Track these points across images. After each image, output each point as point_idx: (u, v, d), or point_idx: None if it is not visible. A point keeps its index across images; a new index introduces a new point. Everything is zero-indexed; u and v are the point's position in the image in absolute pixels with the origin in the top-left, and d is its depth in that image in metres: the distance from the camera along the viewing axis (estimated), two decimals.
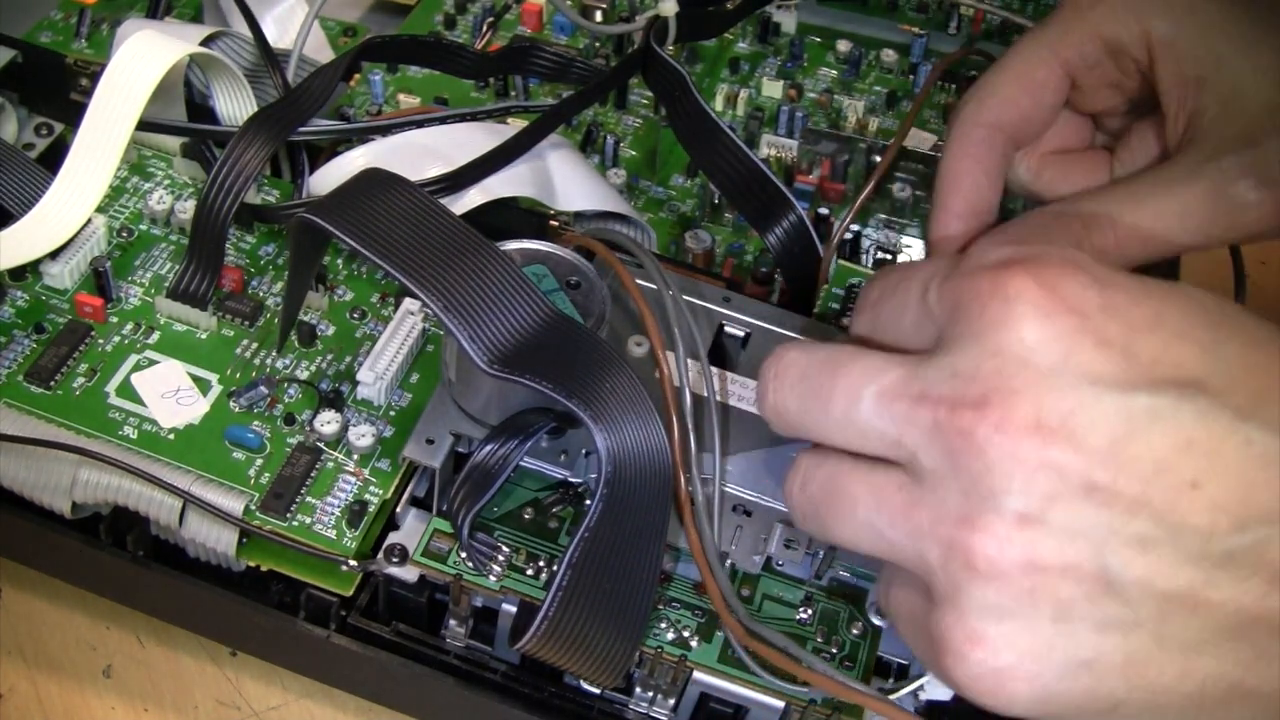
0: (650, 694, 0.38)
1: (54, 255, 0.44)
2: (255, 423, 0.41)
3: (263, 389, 0.42)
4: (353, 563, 0.38)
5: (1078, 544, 0.28)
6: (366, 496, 0.40)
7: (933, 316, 0.31)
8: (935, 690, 0.37)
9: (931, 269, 0.32)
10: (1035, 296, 0.29)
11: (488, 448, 0.38)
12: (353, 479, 0.40)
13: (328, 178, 0.46)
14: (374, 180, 0.38)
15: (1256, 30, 0.38)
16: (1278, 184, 0.37)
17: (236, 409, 0.41)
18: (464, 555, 0.38)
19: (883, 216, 0.53)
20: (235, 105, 0.49)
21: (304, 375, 0.43)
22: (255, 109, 0.48)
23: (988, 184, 0.41)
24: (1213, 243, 0.38)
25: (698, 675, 0.37)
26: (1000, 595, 0.29)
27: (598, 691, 0.38)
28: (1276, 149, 0.37)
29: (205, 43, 0.48)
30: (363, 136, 0.48)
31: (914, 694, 0.37)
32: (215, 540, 0.39)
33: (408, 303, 0.43)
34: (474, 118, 0.49)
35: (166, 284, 0.44)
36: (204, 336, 0.43)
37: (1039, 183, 0.43)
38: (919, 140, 0.55)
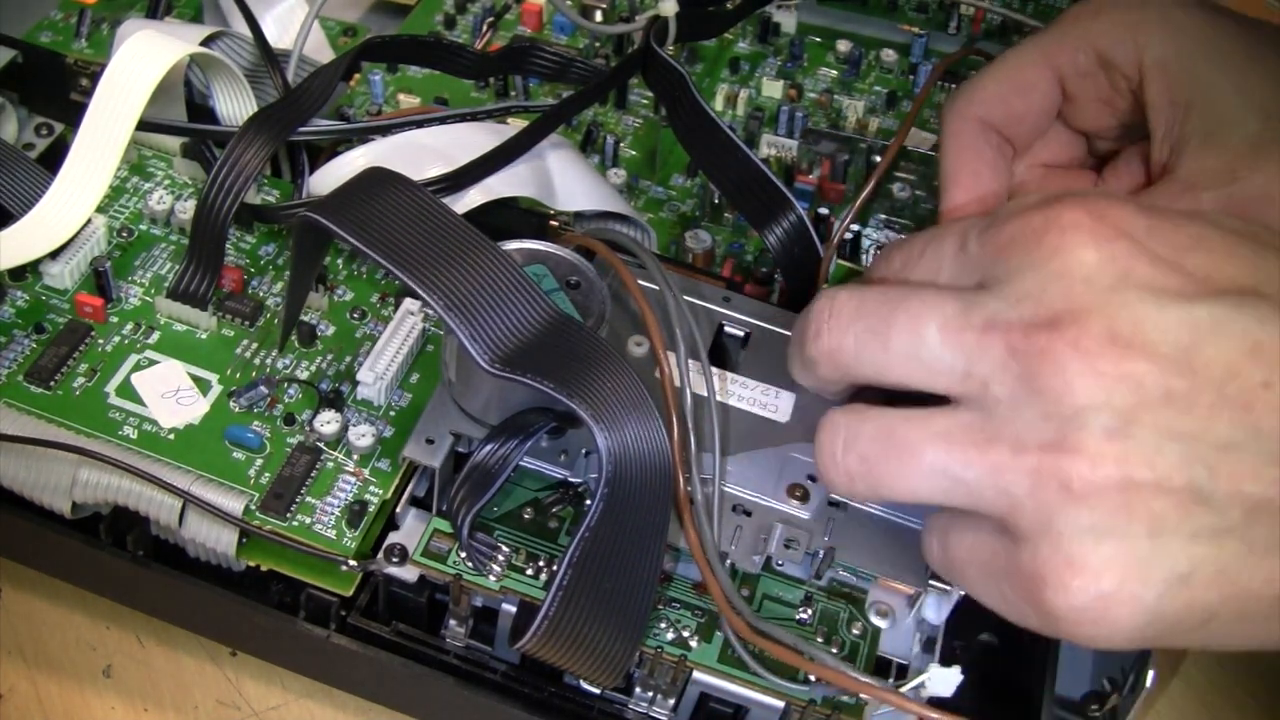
0: (650, 694, 0.38)
1: (54, 255, 0.44)
2: (255, 423, 0.41)
3: (263, 389, 0.42)
4: (353, 563, 0.38)
5: (1165, 454, 0.28)
6: (366, 496, 0.40)
7: (975, 263, 0.32)
8: (937, 686, 0.37)
9: (966, 224, 0.32)
10: (1089, 223, 0.30)
11: (488, 448, 0.38)
12: (353, 479, 0.40)
13: (328, 178, 0.46)
14: (375, 179, 0.38)
15: (1249, 57, 0.38)
16: (1257, 221, 0.37)
17: (236, 409, 0.41)
18: (464, 555, 0.38)
19: (883, 216, 0.53)
20: (235, 105, 0.49)
21: (304, 375, 0.43)
22: (255, 109, 0.48)
23: (989, 174, 0.42)
24: None
25: (698, 675, 0.37)
26: (1095, 515, 0.29)
27: (598, 691, 0.38)
28: (1256, 186, 0.37)
29: (205, 43, 0.48)
30: (363, 136, 0.48)
31: (916, 690, 0.37)
32: (215, 540, 0.39)
33: (408, 303, 0.43)
34: (474, 118, 0.49)
35: (166, 284, 0.44)
36: (204, 336, 0.43)
37: (1018, 191, 0.43)
38: (919, 140, 0.55)
